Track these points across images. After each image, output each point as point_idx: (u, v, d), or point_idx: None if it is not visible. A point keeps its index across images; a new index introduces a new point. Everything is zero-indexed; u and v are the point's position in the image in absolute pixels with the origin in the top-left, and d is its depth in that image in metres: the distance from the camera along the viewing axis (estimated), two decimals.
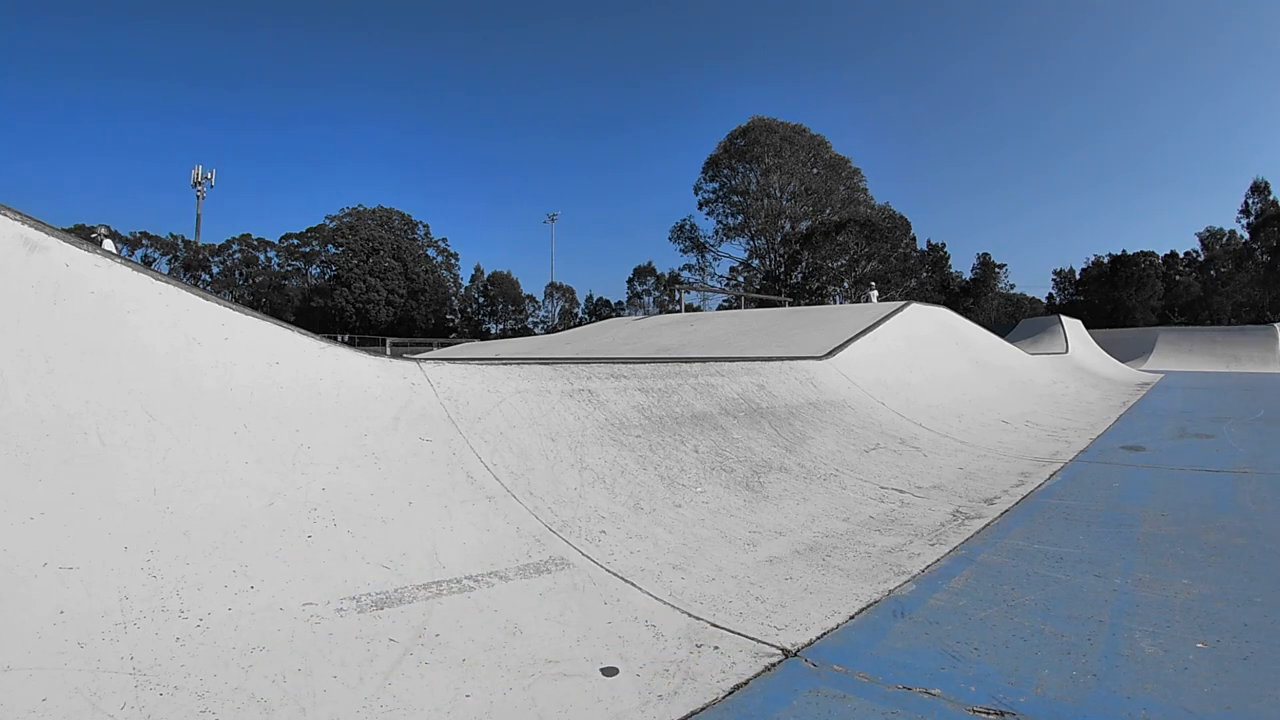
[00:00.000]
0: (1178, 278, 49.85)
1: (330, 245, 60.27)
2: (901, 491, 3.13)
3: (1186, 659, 1.49)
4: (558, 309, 70.28)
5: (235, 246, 59.81)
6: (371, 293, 58.42)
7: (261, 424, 1.92)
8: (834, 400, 4.51)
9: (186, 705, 1.17)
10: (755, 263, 50.51)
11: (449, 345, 29.27)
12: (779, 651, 1.55)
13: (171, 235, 57.26)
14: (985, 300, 49.22)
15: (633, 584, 1.88)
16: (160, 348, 1.89)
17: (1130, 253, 51.05)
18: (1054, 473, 3.65)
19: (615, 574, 1.92)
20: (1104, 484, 3.39)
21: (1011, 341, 11.38)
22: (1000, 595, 1.90)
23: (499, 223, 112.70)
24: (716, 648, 1.56)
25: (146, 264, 6.09)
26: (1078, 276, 55.39)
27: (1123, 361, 15.22)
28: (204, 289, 2.46)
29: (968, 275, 52.87)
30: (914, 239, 48.01)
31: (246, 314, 2.15)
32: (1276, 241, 44.41)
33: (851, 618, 1.75)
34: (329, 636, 1.41)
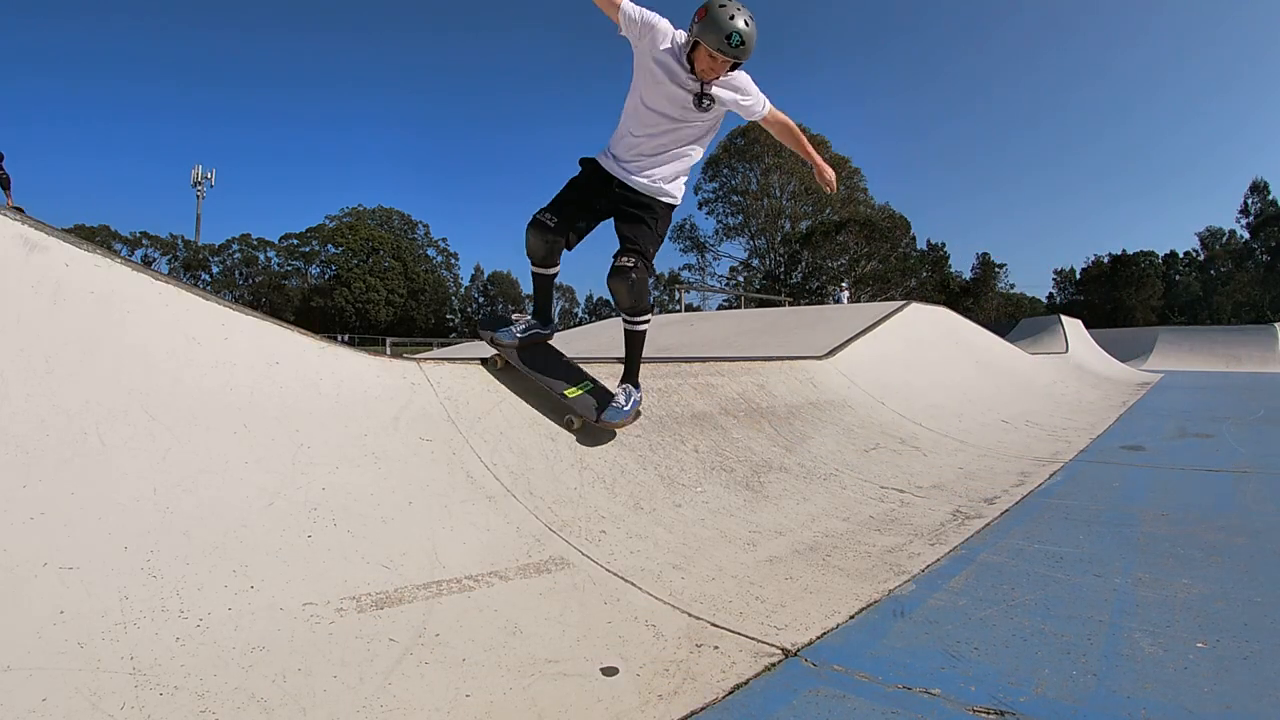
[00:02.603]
0: (1178, 277, 49.88)
1: (330, 245, 60.26)
2: (901, 491, 3.13)
3: (1186, 659, 1.49)
4: (558, 309, 70.31)
5: (235, 246, 59.82)
6: (371, 292, 58.42)
7: (261, 424, 1.92)
8: (834, 400, 4.50)
9: (186, 705, 1.17)
10: (755, 262, 50.54)
11: (449, 345, 29.24)
12: (779, 651, 1.55)
13: (171, 235, 57.34)
14: (985, 300, 49.22)
15: (633, 584, 1.88)
16: (160, 347, 1.88)
17: (1130, 252, 51.10)
18: (1054, 472, 3.65)
19: (615, 574, 1.92)
20: (1104, 484, 3.38)
21: (1011, 341, 11.37)
22: (1000, 595, 1.90)
23: (499, 223, 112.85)
24: (716, 647, 1.56)
25: (146, 264, 6.08)
26: (1078, 276, 55.43)
27: (1123, 361, 15.21)
28: (204, 289, 2.45)
29: (968, 275, 52.89)
30: (914, 239, 48.04)
31: (246, 314, 2.15)
32: (1276, 241, 44.43)
33: (851, 617, 1.75)
34: (329, 636, 1.41)
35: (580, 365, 3.01)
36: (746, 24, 2.51)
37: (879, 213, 48.08)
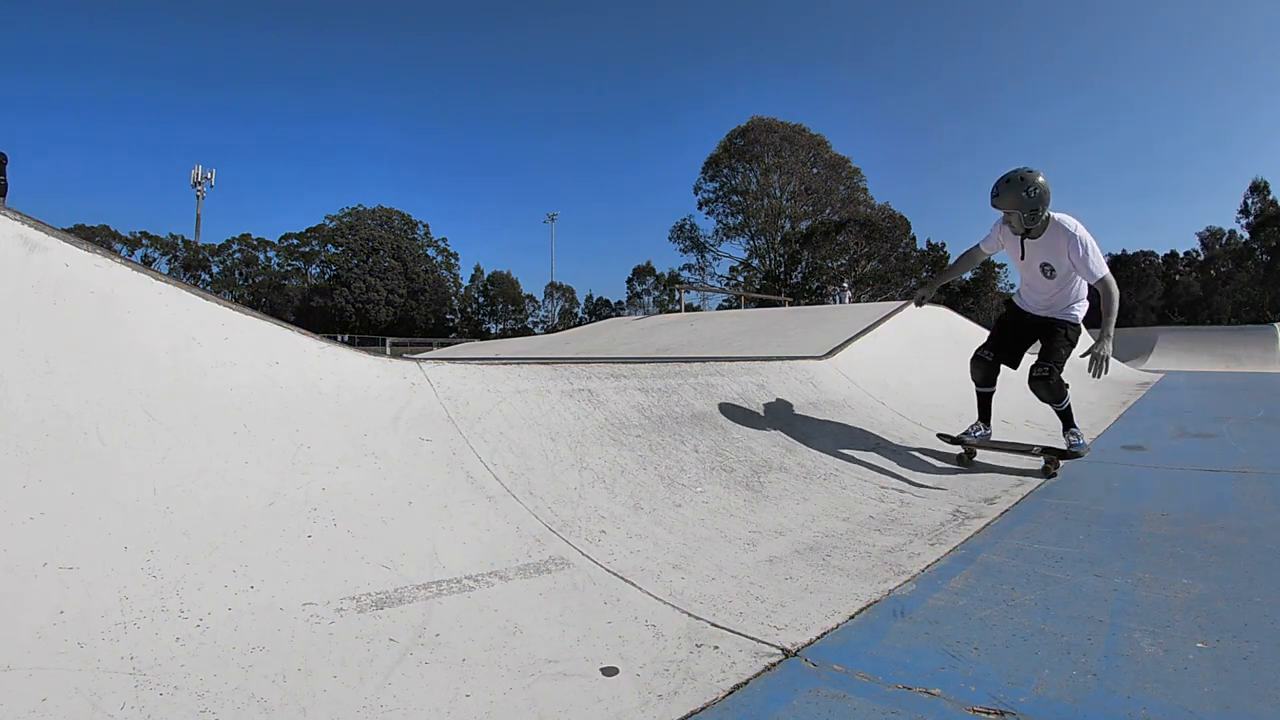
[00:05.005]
0: (1178, 277, 49.85)
1: (330, 245, 60.29)
2: (901, 491, 3.13)
3: (1186, 659, 1.49)
4: (558, 309, 70.27)
5: (235, 246, 59.81)
6: (371, 293, 58.43)
7: (261, 424, 1.92)
8: (834, 400, 4.50)
9: (186, 705, 1.17)
10: (755, 262, 50.57)
11: (449, 345, 29.25)
12: (779, 651, 1.55)
13: (171, 235, 57.30)
14: (985, 300, 49.19)
15: (633, 584, 1.88)
16: (160, 348, 1.89)
17: (1130, 252, 51.08)
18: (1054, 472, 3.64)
19: (615, 574, 1.92)
20: (1104, 484, 3.38)
21: None
22: (1000, 595, 1.90)
23: (499, 223, 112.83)
24: (716, 647, 1.56)
25: (146, 264, 6.08)
26: None
27: (1123, 361, 15.20)
28: (204, 289, 2.45)
29: (967, 275, 52.88)
30: (914, 239, 48.05)
31: (246, 314, 2.15)
32: (1276, 241, 44.42)
33: (851, 617, 1.75)
34: (329, 636, 1.42)
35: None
36: (996, 183, 3.34)
37: (879, 212, 48.08)
